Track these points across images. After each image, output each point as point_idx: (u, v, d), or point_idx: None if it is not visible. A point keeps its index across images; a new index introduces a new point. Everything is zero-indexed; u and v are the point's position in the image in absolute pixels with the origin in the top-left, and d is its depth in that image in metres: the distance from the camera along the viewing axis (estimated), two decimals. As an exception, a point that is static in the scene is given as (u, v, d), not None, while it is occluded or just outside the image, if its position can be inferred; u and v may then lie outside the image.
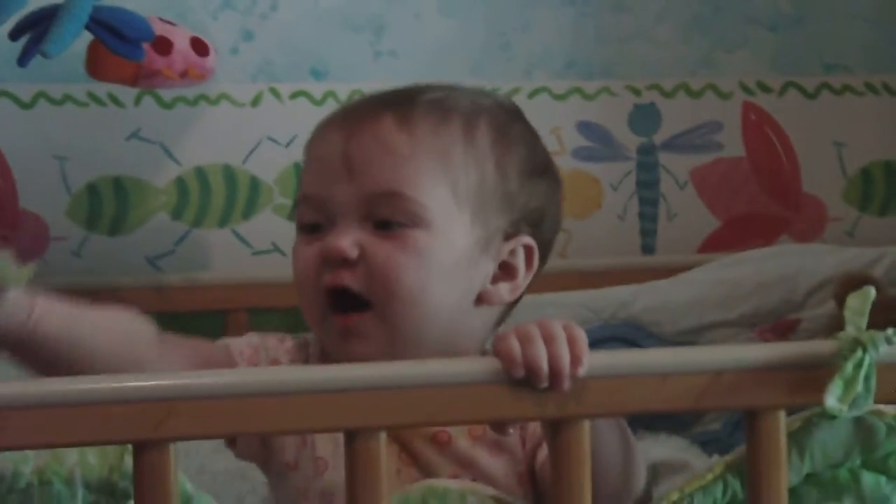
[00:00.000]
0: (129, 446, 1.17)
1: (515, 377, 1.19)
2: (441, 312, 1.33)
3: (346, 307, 1.32)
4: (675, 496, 1.24)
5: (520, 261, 1.38)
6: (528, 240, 1.39)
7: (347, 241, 1.31)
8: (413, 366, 1.21)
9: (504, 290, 1.38)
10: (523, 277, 1.38)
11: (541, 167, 1.41)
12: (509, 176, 1.37)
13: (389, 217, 1.32)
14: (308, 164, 1.39)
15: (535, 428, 1.35)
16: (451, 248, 1.33)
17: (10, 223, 1.89)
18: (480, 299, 1.37)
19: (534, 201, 1.39)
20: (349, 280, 1.31)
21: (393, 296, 1.31)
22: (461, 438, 1.34)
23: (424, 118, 1.35)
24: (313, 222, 1.35)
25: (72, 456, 1.18)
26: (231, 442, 1.36)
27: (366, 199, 1.32)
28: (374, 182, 1.32)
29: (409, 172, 1.32)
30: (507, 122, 1.40)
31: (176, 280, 1.88)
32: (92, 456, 1.17)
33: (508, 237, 1.37)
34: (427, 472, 1.32)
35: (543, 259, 1.41)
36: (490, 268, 1.37)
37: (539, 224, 1.40)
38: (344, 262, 1.31)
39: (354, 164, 1.32)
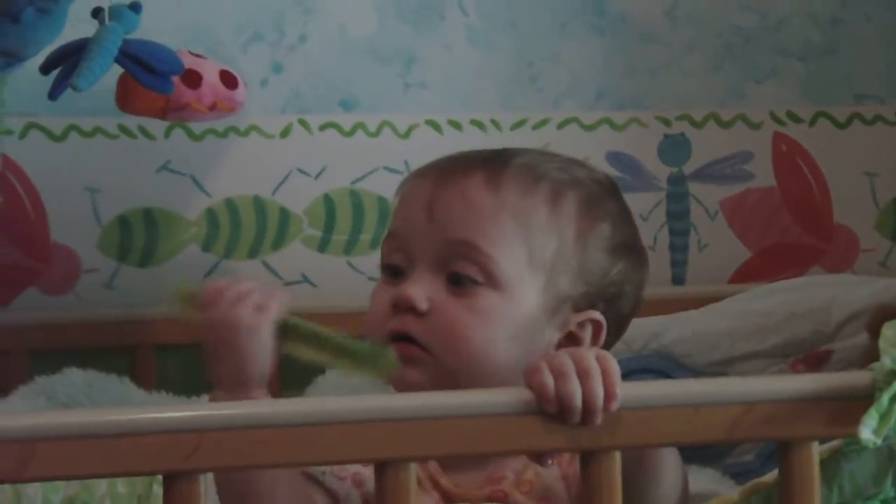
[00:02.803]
0: (159, 476, 1.17)
1: (548, 412, 1.18)
2: (499, 371, 1.34)
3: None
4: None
5: (587, 335, 1.38)
6: (597, 315, 1.38)
7: (420, 293, 1.33)
8: (444, 396, 1.21)
9: None
10: None
11: (625, 245, 1.41)
12: (589, 250, 1.38)
13: (463, 270, 1.33)
14: (396, 206, 1.42)
15: (576, 471, 1.35)
16: (519, 312, 1.35)
17: (41, 256, 1.90)
18: None
19: (611, 277, 1.39)
20: (414, 329, 1.33)
21: (456, 353, 1.33)
22: (516, 494, 1.34)
23: (513, 179, 1.37)
24: (395, 264, 1.37)
25: (101, 486, 1.18)
26: None
27: (441, 244, 1.34)
28: (452, 229, 1.34)
29: (488, 228, 1.34)
30: (597, 195, 1.41)
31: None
32: (121, 485, 1.18)
33: (579, 309, 1.38)
34: None
35: (617, 335, 1.42)
36: (556, 336, 1.37)
37: (615, 301, 1.40)
38: (412, 311, 1.33)
39: (435, 210, 1.35)
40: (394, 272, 1.37)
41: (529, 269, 1.35)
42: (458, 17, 1.98)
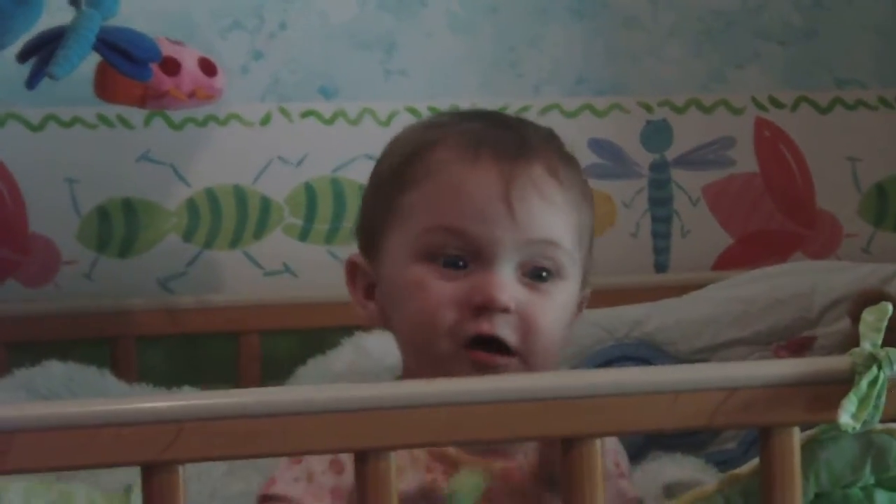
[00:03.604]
0: (133, 491, 1.18)
1: None
2: (560, 353, 1.37)
3: (491, 349, 1.33)
4: (673, 504, 1.24)
5: (583, 306, 1.42)
6: (588, 291, 1.43)
7: (508, 294, 1.31)
8: (422, 385, 1.20)
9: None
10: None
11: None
12: (591, 218, 1.41)
13: (542, 265, 1.33)
14: (452, 196, 1.34)
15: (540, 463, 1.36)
16: (573, 298, 1.37)
17: (20, 247, 1.89)
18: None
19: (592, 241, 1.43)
20: (504, 331, 1.31)
21: (544, 351, 1.33)
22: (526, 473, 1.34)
23: (565, 167, 1.38)
24: (456, 256, 1.33)
25: (80, 499, 1.18)
26: None
27: (525, 243, 1.33)
28: (537, 228, 1.33)
29: (562, 222, 1.35)
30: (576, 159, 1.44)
31: (187, 302, 1.88)
32: (100, 498, 1.18)
33: (584, 286, 1.40)
34: None
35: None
36: (576, 314, 1.40)
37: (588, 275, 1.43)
38: (504, 311, 1.31)
39: (516, 209, 1.32)
40: (453, 264, 1.33)
41: (578, 253, 1.36)
42: (438, 3, 1.97)
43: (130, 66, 1.66)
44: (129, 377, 1.81)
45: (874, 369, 1.20)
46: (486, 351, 1.32)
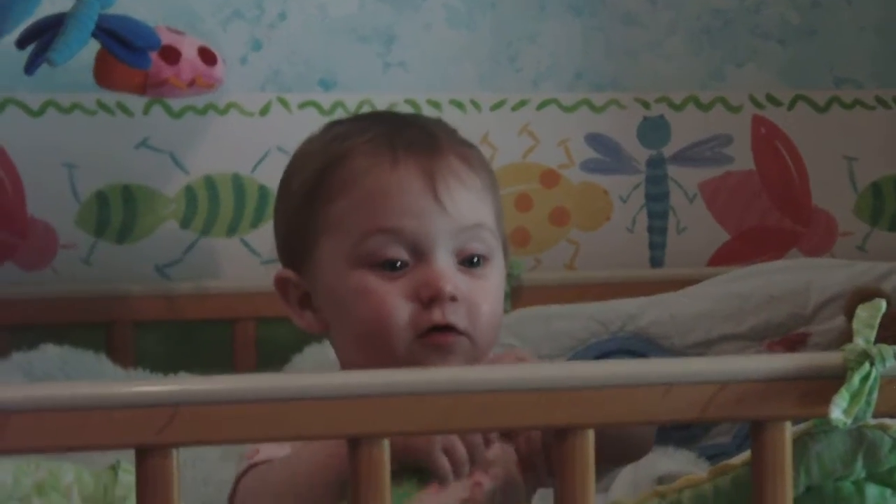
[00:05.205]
0: (121, 467, 1.18)
1: None
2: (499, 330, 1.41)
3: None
4: (662, 489, 1.24)
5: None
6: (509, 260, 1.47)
7: (452, 284, 1.35)
8: (415, 374, 1.21)
9: None
10: None
11: None
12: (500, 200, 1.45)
13: (477, 251, 1.37)
14: (382, 199, 1.38)
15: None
16: (503, 273, 1.41)
17: (19, 230, 1.90)
18: None
19: None
20: (455, 317, 1.35)
21: (491, 332, 1.38)
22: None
23: (472, 153, 1.41)
24: (395, 258, 1.36)
25: (68, 475, 1.18)
26: None
27: (458, 231, 1.37)
28: (465, 215, 1.37)
29: (484, 205, 1.40)
30: None
31: (184, 288, 1.88)
32: (87, 475, 1.18)
33: (506, 260, 1.43)
34: None
35: None
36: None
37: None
38: (452, 300, 1.35)
39: (444, 200, 1.36)
40: (392, 266, 1.37)
41: (499, 231, 1.41)
42: (438, -4, 1.98)
43: (129, 54, 1.66)
44: (125, 362, 1.81)
45: (866, 365, 1.20)
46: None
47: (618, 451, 1.34)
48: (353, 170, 1.39)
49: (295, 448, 1.32)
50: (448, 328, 1.35)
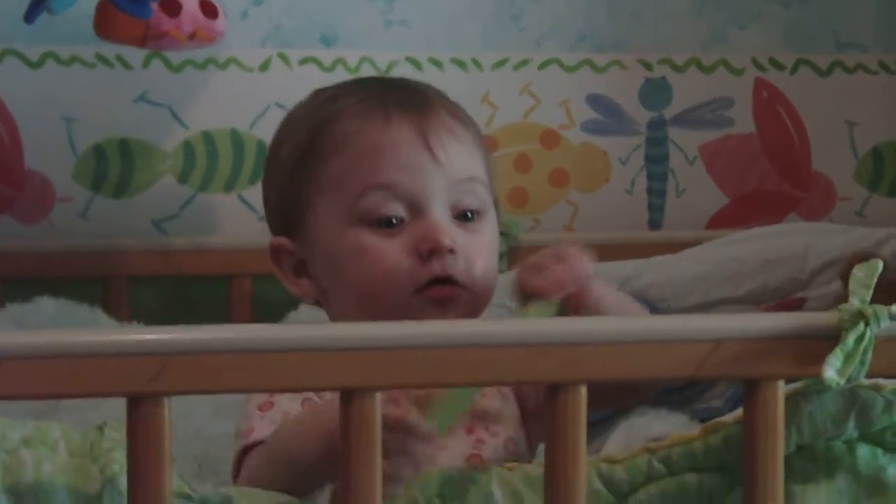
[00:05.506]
0: (108, 426, 1.18)
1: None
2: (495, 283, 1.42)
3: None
4: (653, 445, 1.24)
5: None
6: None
7: (450, 237, 1.36)
8: (409, 326, 1.21)
9: None
10: None
11: None
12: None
13: (471, 206, 1.38)
14: (377, 156, 1.38)
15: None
16: (496, 227, 1.42)
17: (15, 183, 1.89)
18: None
19: None
20: (454, 270, 1.36)
21: (488, 285, 1.38)
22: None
23: (460, 110, 1.43)
24: (392, 215, 1.37)
25: (55, 432, 1.19)
26: None
27: (452, 185, 1.37)
28: (459, 168, 1.38)
29: (476, 159, 1.40)
30: None
31: (181, 244, 1.88)
32: (74, 433, 1.19)
33: (497, 214, 1.44)
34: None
35: None
36: None
37: None
38: (451, 252, 1.36)
39: (438, 153, 1.37)
40: (389, 223, 1.37)
41: (490, 185, 1.42)
42: (441, -46, 1.97)
43: (130, 3, 1.66)
44: (120, 317, 1.81)
45: (861, 325, 1.19)
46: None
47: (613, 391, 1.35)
48: (345, 130, 1.39)
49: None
50: (448, 280, 1.36)
